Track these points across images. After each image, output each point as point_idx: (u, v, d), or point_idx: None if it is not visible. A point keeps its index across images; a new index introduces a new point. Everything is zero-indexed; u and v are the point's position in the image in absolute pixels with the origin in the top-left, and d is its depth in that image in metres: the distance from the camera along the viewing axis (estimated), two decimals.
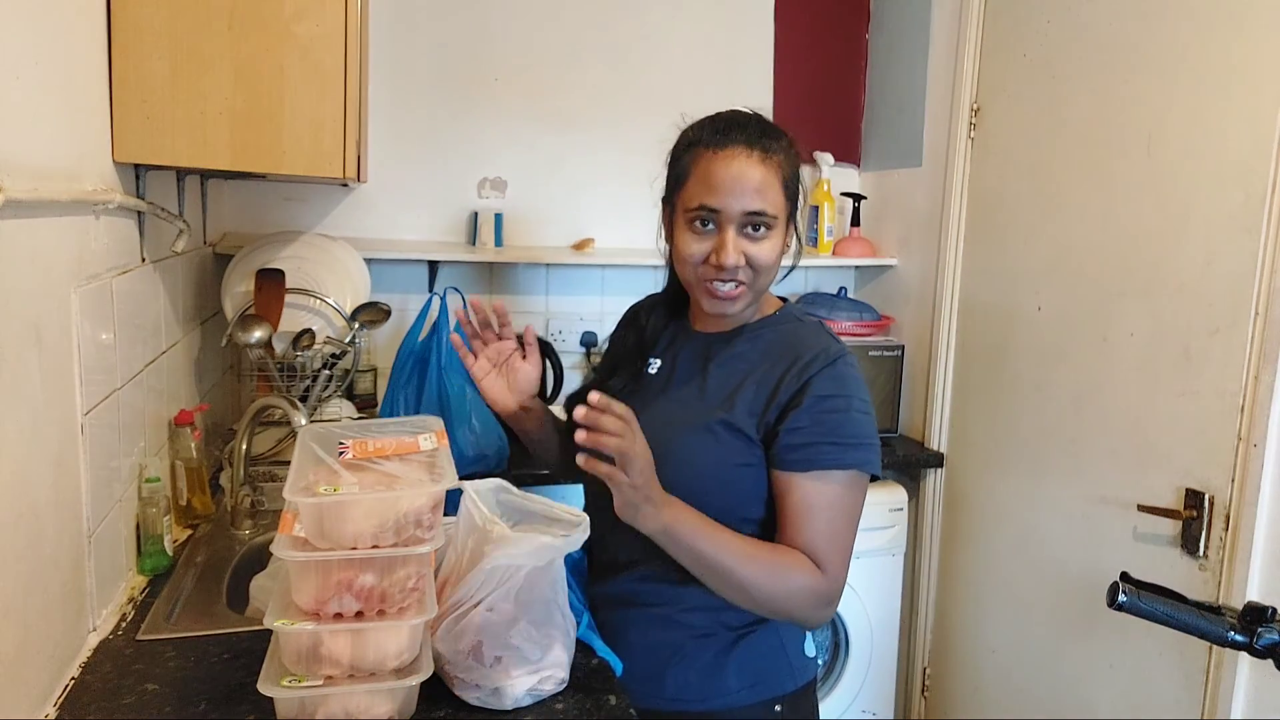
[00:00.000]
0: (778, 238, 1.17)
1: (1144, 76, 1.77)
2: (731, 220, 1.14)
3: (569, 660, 1.11)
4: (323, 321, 1.98)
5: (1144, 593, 1.09)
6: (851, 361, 1.19)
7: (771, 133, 1.16)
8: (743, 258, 1.15)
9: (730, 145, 1.14)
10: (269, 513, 1.71)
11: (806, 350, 1.18)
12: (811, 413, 1.13)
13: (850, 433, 1.13)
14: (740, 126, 1.16)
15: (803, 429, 1.13)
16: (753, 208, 1.13)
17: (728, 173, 1.13)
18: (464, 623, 1.03)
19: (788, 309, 1.29)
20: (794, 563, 1.11)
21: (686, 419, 1.20)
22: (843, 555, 1.14)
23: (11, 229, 0.94)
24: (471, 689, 1.05)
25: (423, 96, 2.42)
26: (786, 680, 1.23)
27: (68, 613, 1.11)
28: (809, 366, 1.15)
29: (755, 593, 1.10)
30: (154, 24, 1.31)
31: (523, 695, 1.06)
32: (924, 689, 2.50)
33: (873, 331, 2.53)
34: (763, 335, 1.24)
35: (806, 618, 1.15)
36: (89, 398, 1.16)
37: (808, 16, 2.71)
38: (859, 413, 1.15)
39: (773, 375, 1.17)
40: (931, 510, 2.43)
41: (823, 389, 1.14)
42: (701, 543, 1.07)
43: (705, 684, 1.20)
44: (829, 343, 1.20)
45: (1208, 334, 1.62)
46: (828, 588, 1.11)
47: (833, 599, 1.13)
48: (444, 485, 1.00)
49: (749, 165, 1.13)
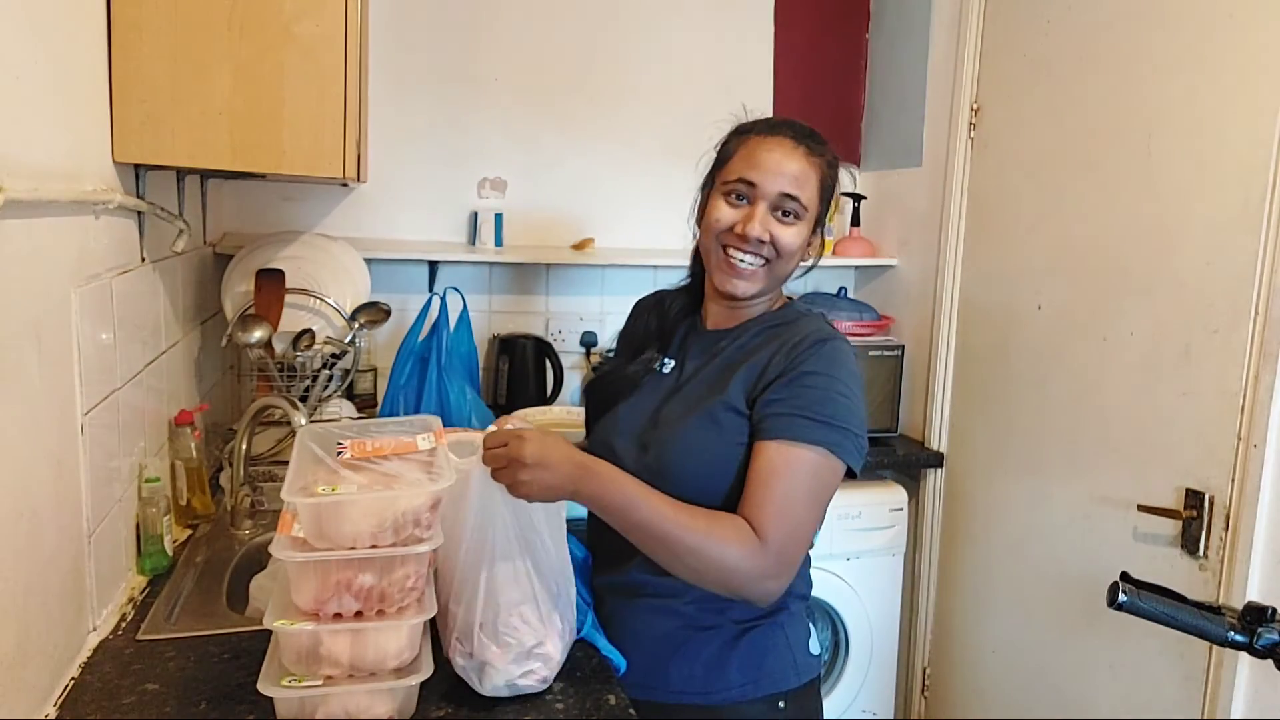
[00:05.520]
0: (804, 229, 1.22)
1: (1144, 76, 1.77)
2: (766, 197, 1.19)
3: (560, 660, 1.11)
4: (323, 321, 1.98)
5: (1144, 593, 1.09)
6: (842, 347, 1.19)
7: (819, 139, 1.24)
8: (768, 234, 1.19)
9: (779, 135, 1.22)
10: (269, 513, 1.71)
11: (800, 330, 1.20)
12: (791, 385, 1.14)
13: (827, 412, 1.12)
14: (791, 126, 1.24)
15: (781, 400, 1.14)
16: (789, 190, 1.19)
17: (771, 156, 1.20)
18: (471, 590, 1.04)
19: (795, 304, 1.33)
20: (730, 530, 1.07)
21: (689, 408, 1.22)
22: (789, 529, 1.09)
23: (11, 229, 0.94)
24: (464, 655, 1.06)
25: (423, 96, 2.42)
26: (790, 676, 1.23)
27: (68, 613, 1.11)
28: (799, 345, 1.17)
29: (690, 559, 1.06)
30: (154, 24, 1.31)
31: (501, 685, 1.07)
32: (924, 689, 2.50)
33: (873, 331, 2.53)
34: (767, 326, 1.26)
35: (747, 590, 1.09)
36: (89, 397, 1.16)
37: (808, 16, 2.70)
38: (840, 395, 1.14)
39: (765, 354, 1.19)
40: (931, 510, 2.43)
41: (808, 365, 1.15)
42: (634, 510, 1.06)
43: (708, 677, 1.20)
44: (824, 327, 1.22)
45: (1208, 334, 1.62)
46: (765, 560, 1.06)
47: (775, 573, 1.08)
48: (443, 485, 1.00)
49: (794, 154, 1.20)
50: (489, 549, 1.05)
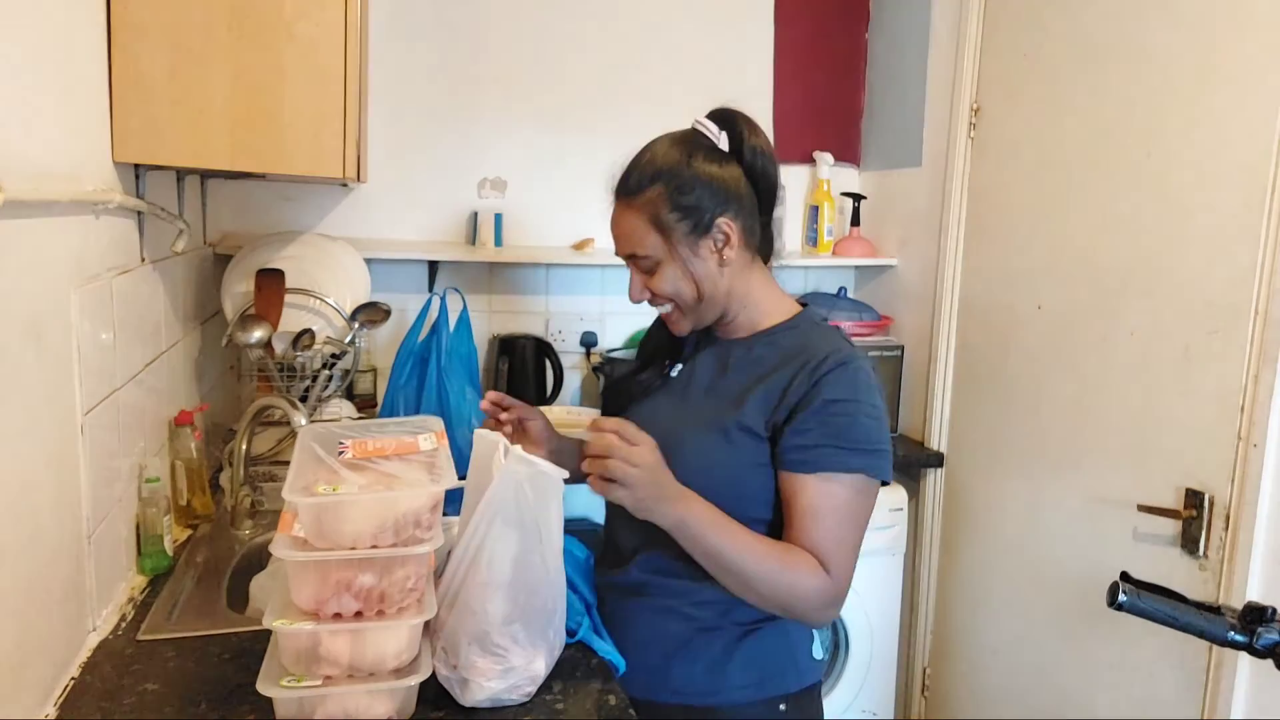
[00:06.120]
0: (671, 267, 1.21)
1: (1144, 76, 1.77)
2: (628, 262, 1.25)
3: (545, 673, 1.10)
4: (323, 321, 1.98)
5: (1144, 593, 1.08)
6: (863, 366, 1.18)
7: (649, 170, 1.21)
8: (646, 292, 1.25)
9: (615, 198, 1.25)
10: (269, 513, 1.71)
11: (819, 352, 1.18)
12: (819, 415, 1.14)
13: (857, 437, 1.14)
14: (627, 172, 1.24)
15: (810, 431, 1.14)
16: (628, 252, 1.24)
17: (612, 225, 1.26)
18: (465, 602, 1.03)
19: (807, 313, 1.28)
20: (802, 562, 1.12)
21: (699, 420, 1.22)
22: (848, 558, 1.15)
23: (11, 229, 0.94)
24: (448, 666, 1.05)
25: (423, 96, 2.42)
26: (791, 680, 1.23)
27: (68, 613, 1.11)
28: (820, 368, 1.16)
29: (762, 589, 1.12)
30: (154, 24, 1.31)
31: (484, 699, 1.05)
32: (924, 689, 2.50)
33: (873, 331, 2.53)
34: (780, 340, 1.24)
35: (811, 617, 1.17)
36: (89, 398, 1.16)
37: (808, 16, 2.70)
38: (867, 417, 1.15)
39: (784, 376, 1.18)
40: (931, 510, 2.43)
41: (832, 392, 1.14)
42: (713, 537, 1.11)
43: (710, 679, 1.20)
44: (842, 345, 1.20)
45: (1208, 334, 1.62)
46: (833, 589, 1.13)
47: (837, 600, 1.15)
48: (443, 485, 1.00)
49: (621, 216, 1.24)
50: (487, 563, 1.02)
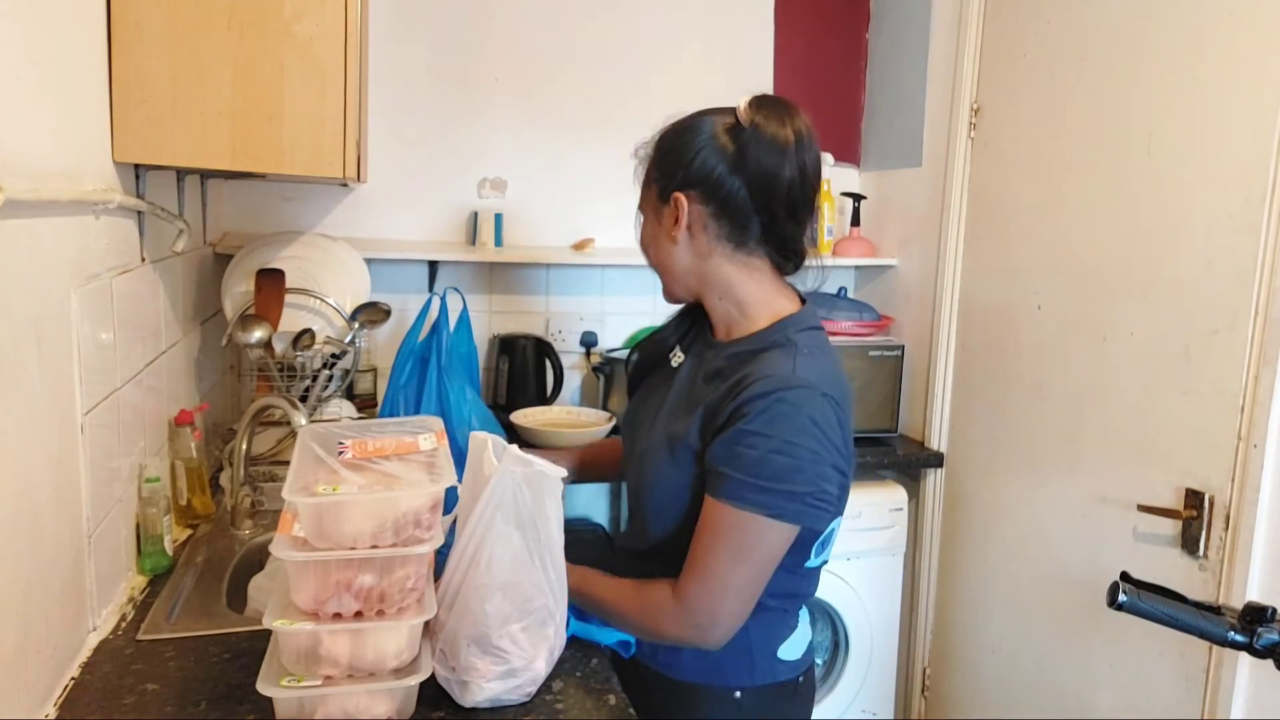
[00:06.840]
0: (644, 224, 1.26)
1: (1144, 76, 1.77)
2: None
3: (546, 672, 1.10)
4: (323, 321, 1.98)
5: (1144, 593, 1.08)
6: (794, 400, 1.08)
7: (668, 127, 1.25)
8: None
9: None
10: (269, 513, 1.71)
11: (753, 377, 1.10)
12: (730, 443, 1.09)
13: (762, 474, 1.07)
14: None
15: (719, 458, 1.10)
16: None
17: None
18: (464, 603, 1.03)
19: (794, 319, 1.18)
20: (650, 601, 1.15)
21: (661, 432, 1.21)
22: (709, 586, 1.10)
23: (11, 229, 0.94)
24: (447, 668, 1.05)
25: (423, 96, 2.42)
26: (744, 675, 1.22)
27: (68, 613, 1.11)
28: (744, 395, 1.10)
29: (632, 629, 1.20)
30: (154, 24, 1.31)
31: (483, 700, 1.06)
32: (924, 689, 2.50)
33: (873, 331, 2.53)
34: (742, 353, 1.18)
35: (686, 644, 1.17)
36: (89, 397, 1.16)
37: (808, 16, 2.71)
38: (780, 454, 1.07)
39: (717, 395, 1.14)
40: (931, 510, 2.43)
41: (748, 424, 1.08)
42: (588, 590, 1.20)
43: (668, 653, 1.24)
44: (780, 373, 1.10)
45: (1208, 334, 1.62)
46: (683, 619, 1.11)
47: (697, 625, 1.11)
48: (443, 485, 1.00)
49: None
50: (486, 564, 1.02)
